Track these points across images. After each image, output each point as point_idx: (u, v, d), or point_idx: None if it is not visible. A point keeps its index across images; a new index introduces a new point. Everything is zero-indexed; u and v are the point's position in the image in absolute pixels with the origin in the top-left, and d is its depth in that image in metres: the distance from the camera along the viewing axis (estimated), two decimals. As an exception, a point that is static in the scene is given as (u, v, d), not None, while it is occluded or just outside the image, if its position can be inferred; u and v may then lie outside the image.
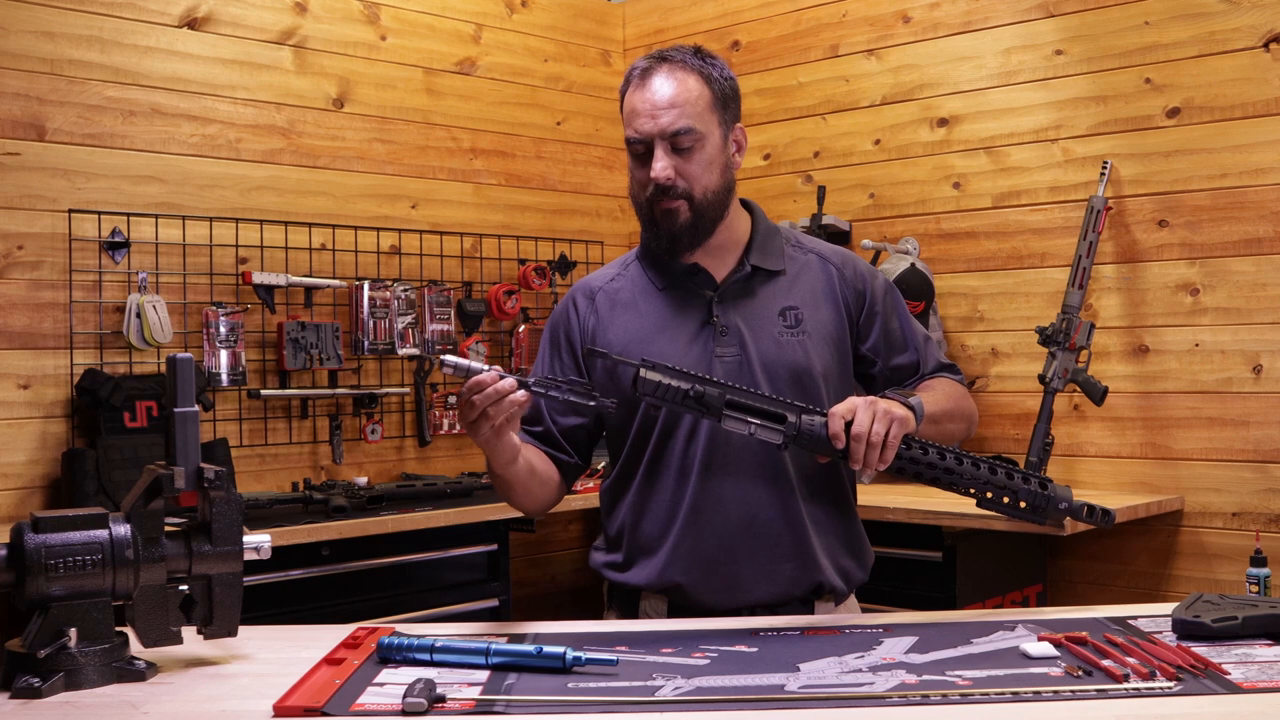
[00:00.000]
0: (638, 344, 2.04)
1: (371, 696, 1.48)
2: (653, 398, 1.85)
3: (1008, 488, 1.90)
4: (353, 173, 4.16)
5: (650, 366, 1.85)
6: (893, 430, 1.83)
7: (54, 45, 3.50)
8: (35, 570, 1.55)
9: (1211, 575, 3.57)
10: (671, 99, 1.98)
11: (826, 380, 2.05)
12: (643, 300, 2.10)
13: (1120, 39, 3.73)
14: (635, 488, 2.07)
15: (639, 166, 2.02)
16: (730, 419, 1.85)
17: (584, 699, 1.46)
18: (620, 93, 2.08)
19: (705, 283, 2.07)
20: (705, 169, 2.00)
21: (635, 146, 2.01)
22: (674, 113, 1.97)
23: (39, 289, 3.46)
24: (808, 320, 2.06)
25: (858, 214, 4.34)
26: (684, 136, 1.98)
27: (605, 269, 2.21)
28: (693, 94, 1.99)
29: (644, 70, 2.02)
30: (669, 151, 1.98)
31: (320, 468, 4.03)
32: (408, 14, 4.33)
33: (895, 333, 2.14)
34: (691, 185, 1.99)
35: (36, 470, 3.43)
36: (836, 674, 1.55)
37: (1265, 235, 3.49)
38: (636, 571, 2.05)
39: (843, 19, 4.40)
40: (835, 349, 2.08)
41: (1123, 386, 3.71)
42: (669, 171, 1.98)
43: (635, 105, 2.00)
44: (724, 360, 2.02)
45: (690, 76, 2.00)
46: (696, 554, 2.00)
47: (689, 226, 2.01)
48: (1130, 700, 1.43)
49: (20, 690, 1.50)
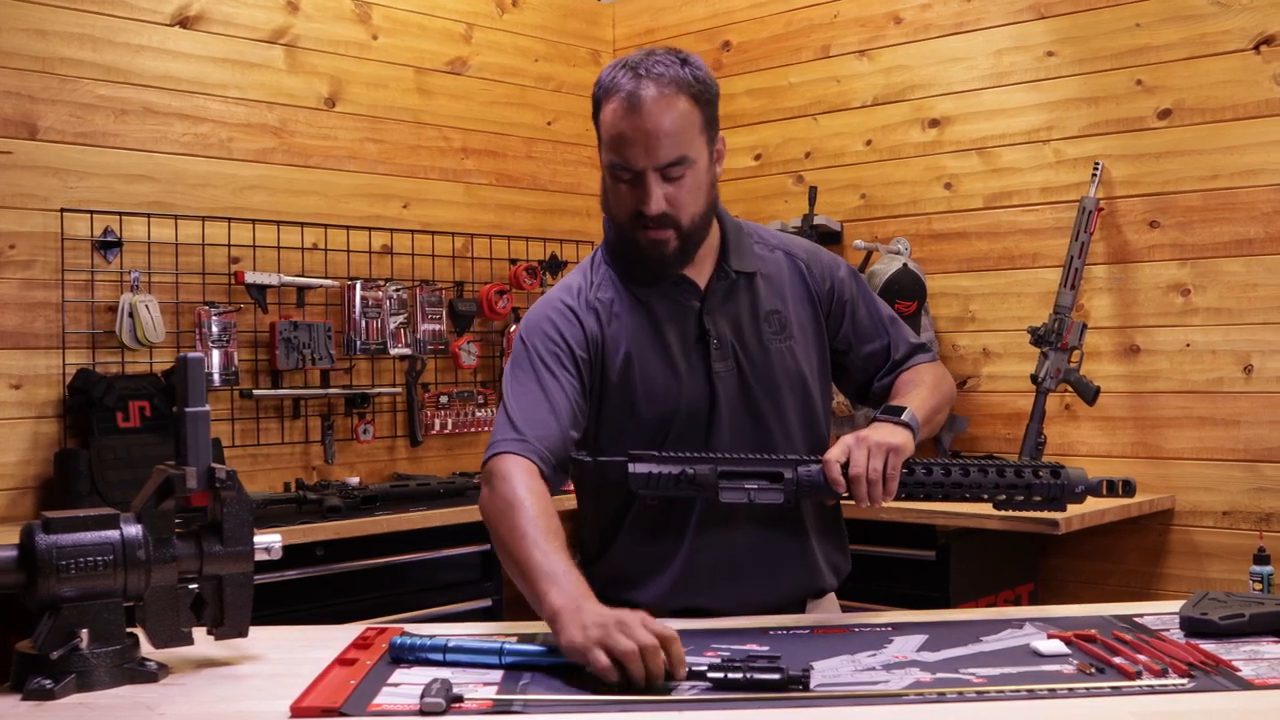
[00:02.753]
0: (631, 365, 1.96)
1: (387, 697, 1.48)
2: (646, 490, 1.82)
3: (1020, 485, 1.90)
4: (344, 172, 4.15)
5: (638, 458, 1.81)
6: (890, 462, 1.81)
7: (46, 43, 3.48)
8: (47, 571, 1.54)
9: (1203, 574, 3.59)
10: (667, 129, 1.85)
11: (815, 382, 2.05)
12: (629, 314, 1.99)
13: (1112, 40, 3.76)
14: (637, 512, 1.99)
15: (622, 191, 1.90)
16: (727, 491, 1.83)
17: (602, 698, 1.46)
18: (595, 100, 1.93)
19: (690, 291, 1.99)
20: (693, 195, 1.90)
21: (621, 173, 1.89)
22: (669, 144, 1.85)
23: (31, 288, 3.44)
24: (791, 323, 2.03)
25: (849, 214, 4.35)
26: (676, 167, 1.87)
27: (572, 278, 2.04)
28: (685, 119, 1.87)
29: (631, 91, 1.85)
30: (660, 182, 1.87)
31: (312, 468, 4.02)
32: (399, 13, 4.33)
33: (863, 320, 2.10)
34: (680, 214, 1.89)
35: (29, 471, 3.41)
36: (851, 672, 1.56)
37: (1256, 236, 3.52)
38: (641, 592, 1.99)
39: (834, 20, 4.41)
40: (816, 348, 2.06)
41: (1114, 386, 3.73)
42: (662, 205, 1.87)
43: (624, 131, 1.86)
44: (721, 376, 1.97)
45: (681, 99, 1.86)
46: (707, 574, 1.97)
47: (677, 253, 1.93)
48: (1145, 697, 1.44)
49: (33, 692, 1.49)
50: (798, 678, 1.47)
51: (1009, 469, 1.89)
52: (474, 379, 4.45)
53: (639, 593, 1.99)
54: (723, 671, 1.48)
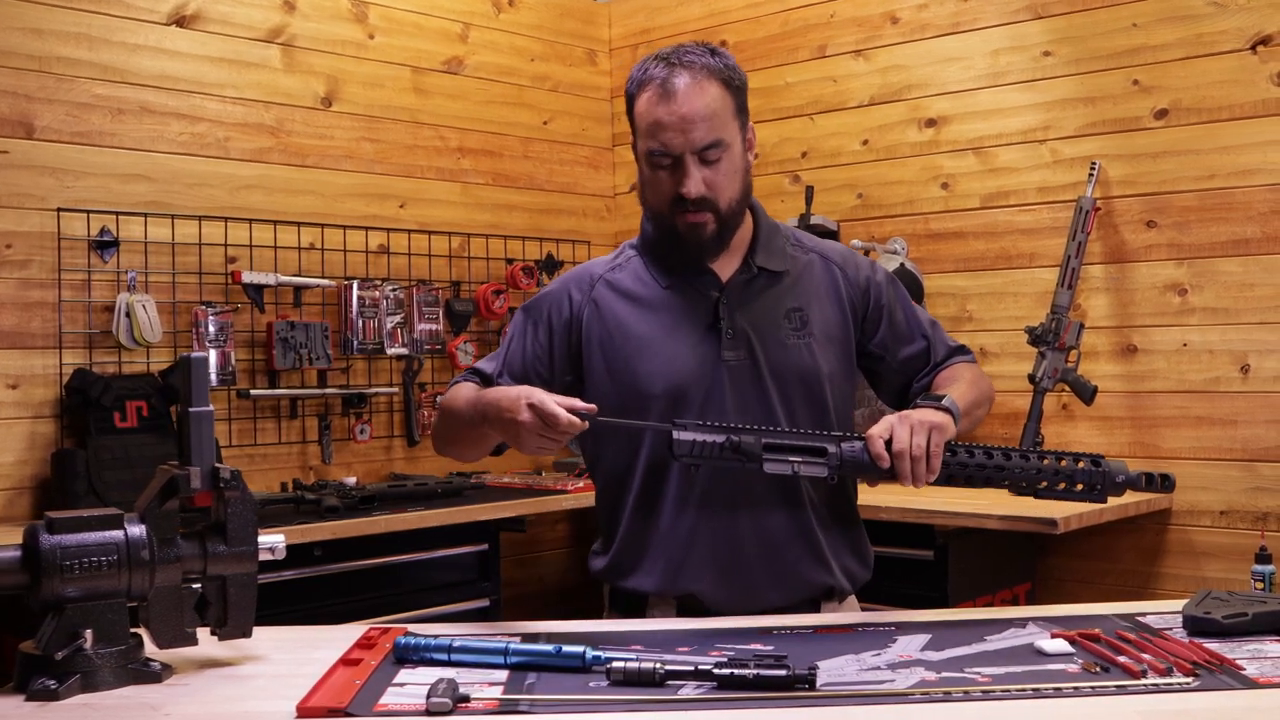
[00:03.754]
0: (640, 343, 2.03)
1: (393, 697, 1.47)
2: (690, 457, 1.82)
3: (1061, 472, 1.89)
4: (341, 172, 4.14)
5: (682, 426, 1.82)
6: (934, 439, 1.83)
7: (42, 42, 3.47)
8: (50, 571, 1.53)
9: (1199, 573, 3.60)
10: (702, 112, 1.92)
11: (831, 383, 2.05)
12: (646, 296, 2.06)
13: (1108, 41, 3.76)
14: (639, 491, 2.03)
15: (661, 178, 1.97)
16: (771, 462, 1.83)
17: (608, 698, 1.46)
18: (628, 96, 2.01)
19: (711, 283, 2.05)
20: (730, 179, 1.97)
21: (660, 159, 1.96)
22: (704, 127, 1.92)
23: (28, 288, 3.43)
24: (813, 322, 2.05)
25: (846, 214, 4.35)
26: (713, 150, 1.94)
27: (601, 259, 2.16)
28: (718, 104, 1.94)
29: (665, 79, 1.94)
30: (699, 165, 1.94)
31: (309, 468, 4.01)
32: (395, 12, 4.32)
33: (901, 325, 2.13)
34: (718, 197, 1.96)
35: (25, 471, 3.40)
36: (856, 671, 1.56)
37: (1253, 236, 3.53)
38: (644, 578, 2.02)
39: (830, 19, 4.41)
40: (839, 350, 2.08)
41: (1111, 386, 3.73)
42: (701, 187, 1.94)
43: (660, 118, 1.93)
44: (730, 365, 2.00)
45: (713, 84, 1.95)
46: (710, 560, 1.98)
47: (715, 238, 1.99)
48: (1151, 696, 1.44)
49: (37, 692, 1.49)
50: (804, 677, 1.47)
51: (1049, 456, 1.89)
52: (471, 379, 4.44)
53: (640, 579, 2.02)
54: (729, 670, 1.48)
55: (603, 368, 2.05)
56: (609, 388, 2.03)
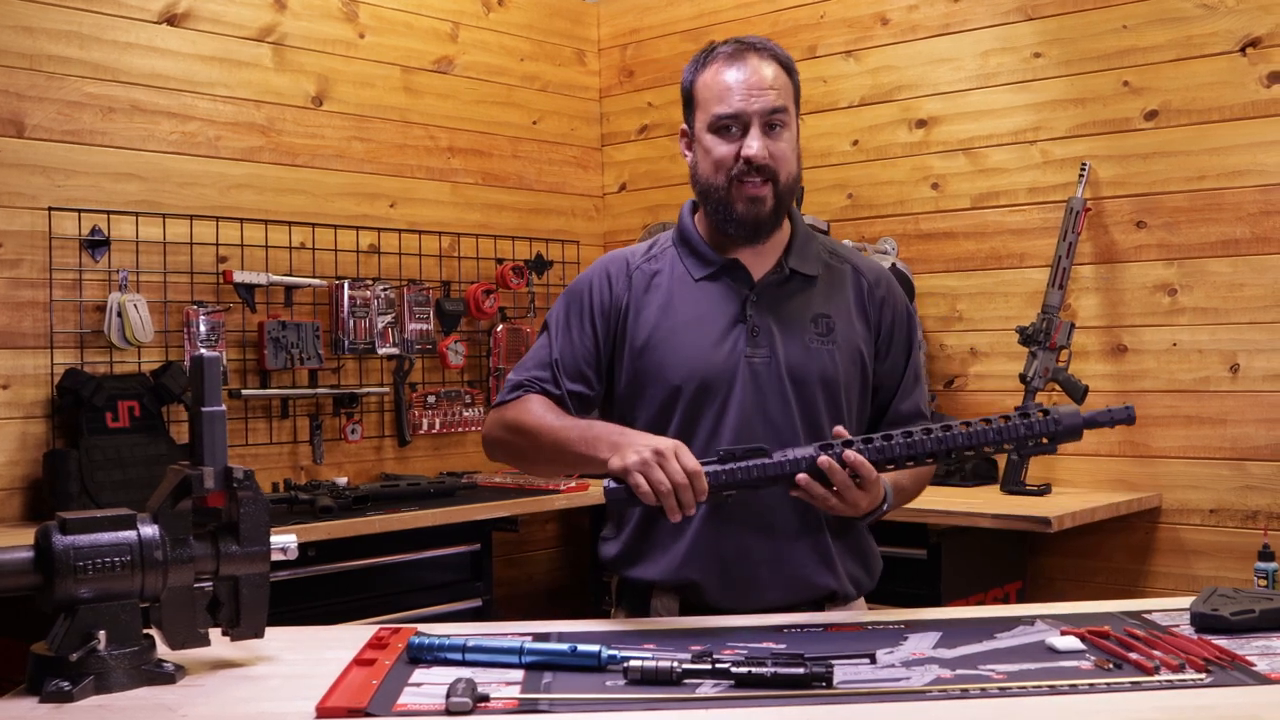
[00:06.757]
0: (667, 334, 2.04)
1: (411, 696, 1.47)
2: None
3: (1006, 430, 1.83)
4: (332, 171, 4.13)
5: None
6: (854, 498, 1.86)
7: (33, 40, 3.44)
8: (64, 572, 1.52)
9: (1189, 571, 3.62)
10: (771, 80, 2.00)
11: (849, 392, 2.07)
12: (678, 289, 2.08)
13: (1099, 42, 3.78)
14: None
15: (724, 144, 2.00)
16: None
17: (626, 696, 1.46)
18: (687, 78, 2.07)
19: (743, 280, 2.07)
20: (790, 154, 2.02)
21: (726, 122, 1.99)
22: (773, 94, 1.99)
23: (18, 288, 3.40)
24: (838, 330, 2.07)
25: (836, 214, 4.36)
26: (780, 114, 2.00)
27: (636, 246, 2.18)
28: (783, 79, 2.02)
29: (733, 53, 2.01)
30: (765, 131, 1.99)
31: (300, 468, 4.00)
32: (386, 12, 4.31)
33: (898, 361, 2.14)
34: (779, 168, 2.00)
35: (16, 471, 3.38)
36: (871, 669, 1.57)
37: (1242, 236, 3.55)
38: (649, 566, 2.04)
39: (821, 20, 4.42)
40: (860, 362, 2.09)
41: (1101, 385, 3.75)
42: (765, 150, 1.98)
43: (729, 83, 1.99)
44: (753, 362, 2.02)
45: (779, 64, 2.03)
46: (714, 552, 2.00)
47: (771, 214, 2.02)
48: (1166, 692, 1.45)
49: (50, 694, 1.48)
50: (821, 674, 1.47)
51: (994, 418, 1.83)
52: (461, 379, 4.44)
53: (646, 568, 2.04)
54: (747, 668, 1.49)
55: (630, 353, 2.07)
56: (634, 373, 2.06)
